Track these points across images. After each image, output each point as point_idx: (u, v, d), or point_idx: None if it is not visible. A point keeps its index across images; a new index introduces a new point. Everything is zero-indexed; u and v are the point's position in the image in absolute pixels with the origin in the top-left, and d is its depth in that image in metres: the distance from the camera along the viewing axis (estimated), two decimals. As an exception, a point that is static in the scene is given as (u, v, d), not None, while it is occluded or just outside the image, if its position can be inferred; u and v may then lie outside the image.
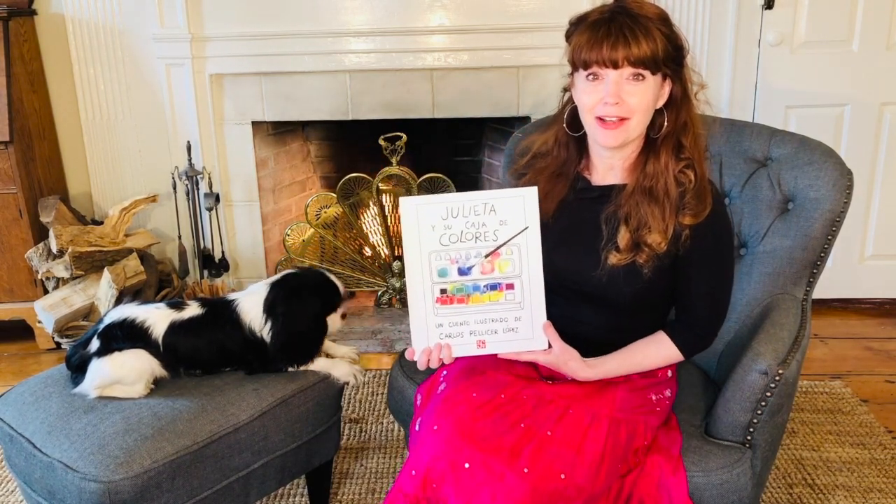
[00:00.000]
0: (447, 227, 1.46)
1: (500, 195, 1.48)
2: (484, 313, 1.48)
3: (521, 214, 1.48)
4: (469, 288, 1.47)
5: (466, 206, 1.46)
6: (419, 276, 1.46)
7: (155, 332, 1.71)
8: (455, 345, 1.48)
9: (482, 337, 1.48)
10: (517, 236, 1.48)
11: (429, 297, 1.46)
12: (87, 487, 1.48)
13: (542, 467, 1.36)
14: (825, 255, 1.75)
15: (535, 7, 2.94)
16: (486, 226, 1.47)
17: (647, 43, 1.40)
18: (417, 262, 1.45)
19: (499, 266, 1.48)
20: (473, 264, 1.47)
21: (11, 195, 2.93)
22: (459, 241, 1.46)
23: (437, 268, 1.46)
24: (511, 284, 1.49)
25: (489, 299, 1.48)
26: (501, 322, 1.49)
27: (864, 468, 2.22)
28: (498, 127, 3.37)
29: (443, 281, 1.46)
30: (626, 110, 1.44)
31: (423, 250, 1.45)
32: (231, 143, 3.21)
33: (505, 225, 1.47)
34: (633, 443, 1.49)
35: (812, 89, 3.01)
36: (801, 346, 1.58)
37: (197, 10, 2.98)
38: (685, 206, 1.46)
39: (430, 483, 1.38)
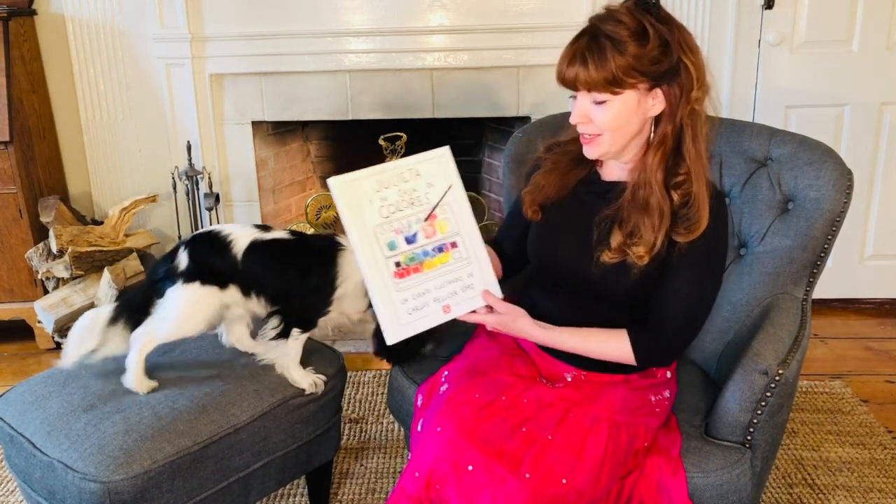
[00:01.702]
0: (383, 199, 1.45)
1: (419, 159, 1.50)
2: (440, 276, 1.48)
3: (442, 174, 1.51)
4: (420, 255, 1.47)
5: (394, 175, 1.47)
6: (371, 254, 1.43)
7: (236, 247, 1.70)
8: (423, 316, 1.46)
9: (446, 301, 1.48)
10: (446, 195, 1.50)
11: (386, 275, 1.44)
12: (87, 487, 1.48)
13: (543, 472, 1.36)
14: (825, 255, 1.75)
15: (535, 7, 2.94)
16: (416, 191, 1.48)
17: (597, 68, 1.38)
18: (366, 241, 1.43)
19: (439, 227, 1.49)
20: (416, 230, 1.47)
21: (11, 195, 2.93)
22: (398, 210, 1.46)
23: (385, 242, 1.44)
24: (454, 243, 1.51)
25: (440, 262, 1.49)
26: (457, 282, 1.50)
27: (864, 468, 2.22)
28: (498, 127, 3.37)
29: (394, 254, 1.45)
30: (595, 128, 1.46)
31: (367, 226, 1.43)
32: (231, 143, 3.21)
33: (432, 187, 1.50)
34: (633, 445, 1.49)
35: (812, 89, 3.01)
36: (801, 346, 1.58)
37: (197, 10, 2.98)
38: (678, 222, 1.44)
39: (434, 484, 1.38)
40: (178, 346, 1.87)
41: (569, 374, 1.58)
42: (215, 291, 1.71)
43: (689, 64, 1.42)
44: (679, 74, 1.42)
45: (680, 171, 1.45)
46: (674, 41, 1.41)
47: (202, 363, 1.80)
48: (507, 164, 2.07)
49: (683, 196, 1.44)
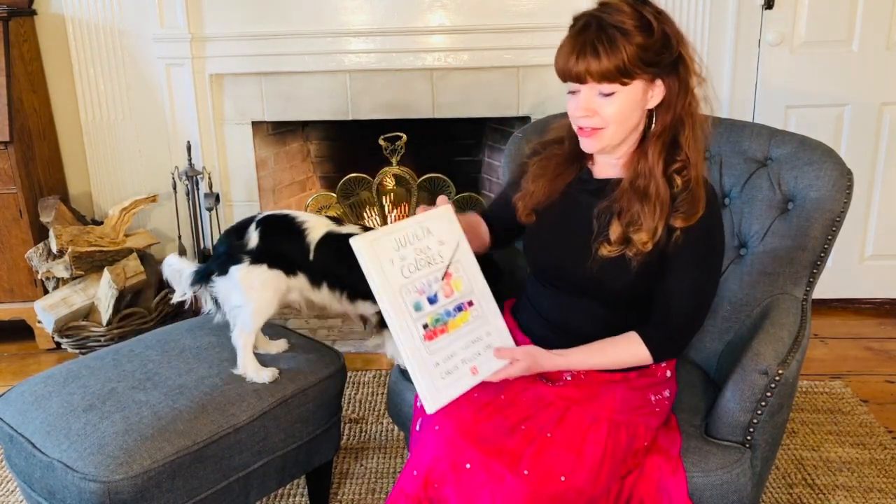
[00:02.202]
0: (402, 259, 1.41)
1: (426, 217, 1.47)
2: (464, 337, 1.45)
3: (448, 231, 1.48)
4: (444, 315, 1.43)
5: (409, 234, 1.42)
6: (401, 317, 1.38)
7: (310, 236, 1.70)
8: (454, 380, 1.41)
9: (472, 363, 1.45)
10: (455, 253, 1.47)
11: (417, 338, 1.39)
12: (87, 487, 1.48)
13: (542, 470, 1.36)
14: (825, 255, 1.75)
15: (535, 7, 2.94)
16: (430, 249, 1.44)
17: (609, 58, 1.38)
18: (394, 304, 1.38)
19: (455, 286, 1.46)
20: (437, 290, 1.43)
21: (11, 195, 2.93)
22: (417, 270, 1.42)
23: (411, 303, 1.39)
24: (470, 301, 1.48)
25: (462, 321, 1.45)
26: (479, 341, 1.47)
27: (864, 468, 2.22)
28: (498, 127, 3.37)
29: (421, 315, 1.40)
30: (600, 121, 1.44)
31: (393, 288, 1.38)
32: (231, 143, 3.21)
33: (443, 244, 1.46)
34: (633, 444, 1.49)
35: (812, 89, 3.01)
36: (801, 346, 1.58)
37: (197, 10, 2.98)
38: (677, 208, 1.45)
39: (432, 483, 1.38)
40: (178, 346, 1.87)
41: (567, 373, 1.58)
42: (282, 276, 1.71)
43: (687, 56, 1.45)
44: (678, 66, 1.44)
45: (678, 157, 1.47)
46: (672, 33, 1.43)
47: (202, 363, 1.80)
48: (507, 164, 2.07)
49: (684, 180, 1.46)
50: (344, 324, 3.19)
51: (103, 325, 2.85)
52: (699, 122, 1.49)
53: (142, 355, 1.83)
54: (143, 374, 1.75)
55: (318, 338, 2.41)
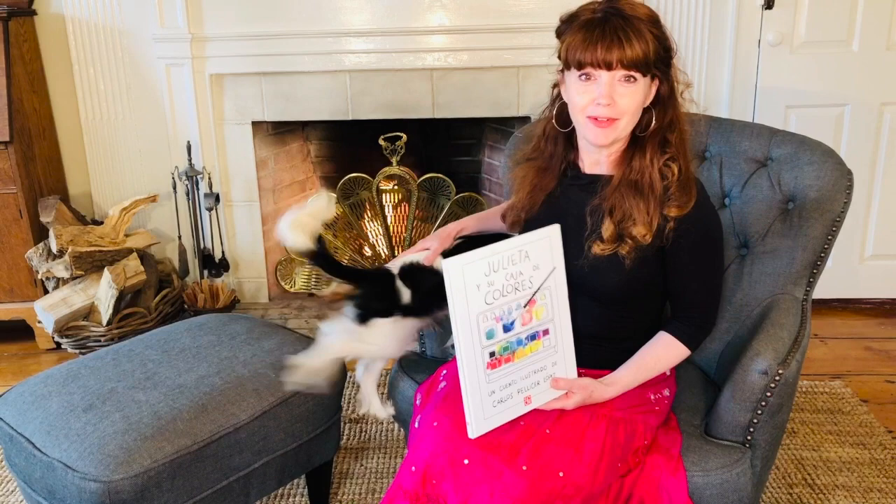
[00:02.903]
0: (490, 284, 1.35)
1: (530, 239, 1.41)
2: (527, 367, 1.42)
3: (549, 255, 1.43)
4: (514, 344, 1.40)
5: (504, 258, 1.37)
6: (471, 345, 1.34)
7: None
8: (505, 408, 1.39)
9: (528, 392, 1.43)
10: (548, 279, 1.42)
11: (481, 367, 1.36)
12: (87, 487, 1.48)
13: (541, 465, 1.36)
14: (825, 255, 1.75)
15: (535, 7, 2.94)
16: (522, 274, 1.39)
17: (639, 45, 1.40)
18: (468, 330, 1.33)
19: (535, 314, 1.42)
20: (515, 318, 1.39)
21: (11, 195, 2.93)
22: (502, 296, 1.37)
23: (485, 330, 1.36)
24: (546, 330, 1.44)
25: (531, 350, 1.42)
26: (542, 371, 1.45)
27: (864, 468, 2.22)
28: (498, 127, 3.37)
29: (491, 343, 1.37)
30: (617, 111, 1.45)
31: (471, 314, 1.33)
32: (231, 143, 3.21)
33: (538, 269, 1.42)
34: (632, 443, 1.49)
35: (812, 89, 3.01)
36: (801, 346, 1.58)
37: (197, 10, 2.98)
38: (670, 198, 1.48)
39: (430, 479, 1.38)
40: (178, 346, 1.87)
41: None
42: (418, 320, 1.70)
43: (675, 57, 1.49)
44: (671, 67, 1.49)
45: (668, 150, 1.50)
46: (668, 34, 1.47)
47: (202, 363, 1.80)
48: (507, 164, 2.07)
49: (673, 173, 1.48)
50: (344, 324, 3.18)
51: (103, 325, 2.85)
52: (685, 121, 1.54)
53: (142, 355, 1.84)
54: (143, 374, 1.75)
55: (318, 338, 2.40)
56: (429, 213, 3.35)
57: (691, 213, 1.47)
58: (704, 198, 1.53)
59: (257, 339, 1.91)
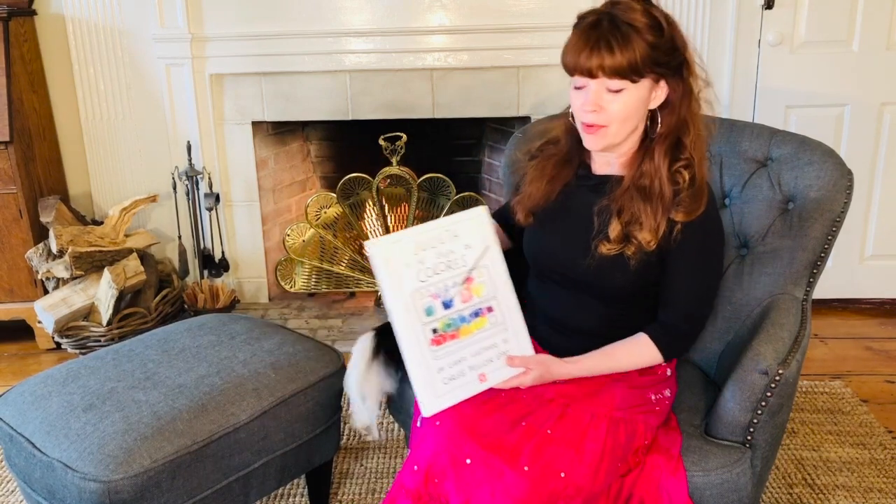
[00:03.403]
0: (420, 262, 1.39)
1: (456, 219, 1.45)
2: (476, 343, 1.44)
3: (479, 235, 1.46)
4: (457, 320, 1.42)
5: (433, 237, 1.41)
6: (408, 322, 1.37)
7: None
8: (458, 385, 1.41)
9: (481, 370, 1.44)
10: (483, 257, 1.45)
11: (423, 343, 1.38)
12: (87, 487, 1.48)
13: (542, 466, 1.36)
14: (825, 255, 1.75)
15: (535, 7, 2.94)
16: (454, 252, 1.43)
17: (623, 53, 1.38)
18: (403, 308, 1.37)
19: (475, 291, 1.45)
20: (454, 295, 1.42)
21: (11, 195, 2.93)
22: (435, 274, 1.40)
23: (422, 308, 1.38)
24: (490, 307, 1.46)
25: (477, 327, 1.44)
26: (493, 348, 1.46)
27: (864, 468, 2.22)
28: (498, 127, 3.37)
29: (431, 320, 1.39)
30: (605, 118, 1.45)
31: (404, 292, 1.37)
32: (231, 143, 3.21)
33: (470, 248, 1.45)
34: (632, 443, 1.50)
35: (812, 89, 3.01)
36: (801, 346, 1.58)
37: (197, 10, 2.98)
38: (679, 203, 1.47)
39: (432, 478, 1.38)
40: (178, 346, 1.87)
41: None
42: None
43: (690, 60, 1.47)
44: (683, 69, 1.47)
45: (682, 156, 1.49)
46: (677, 35, 1.45)
47: (202, 363, 1.80)
48: (506, 165, 2.07)
49: (690, 176, 1.47)
50: (344, 324, 3.19)
51: (103, 325, 2.85)
52: (702, 125, 1.51)
53: (142, 355, 1.83)
54: (143, 374, 1.75)
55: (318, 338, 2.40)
56: (429, 213, 3.35)
57: (698, 220, 1.47)
58: (712, 207, 1.52)
59: (257, 339, 1.91)
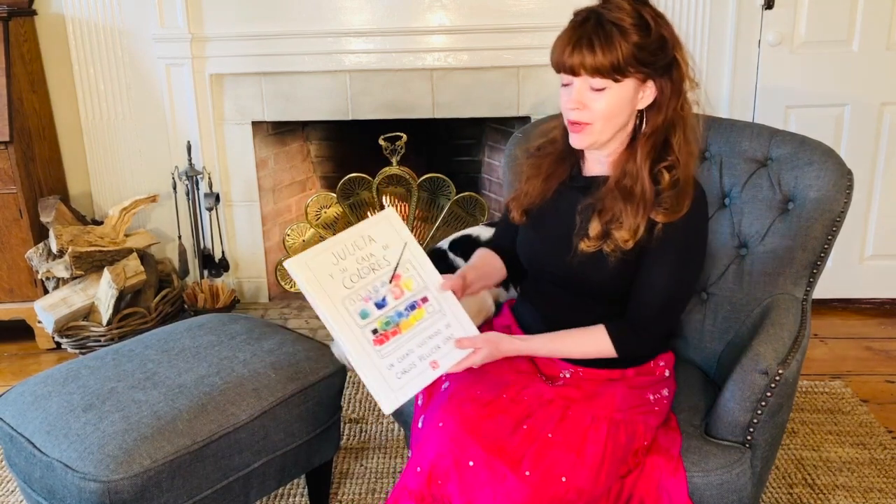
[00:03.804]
0: (343, 271, 1.44)
1: (368, 224, 1.51)
2: (420, 333, 1.47)
3: (394, 234, 1.51)
4: (394, 317, 1.46)
5: (348, 245, 1.46)
6: (346, 327, 1.40)
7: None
8: (412, 377, 1.43)
9: (431, 358, 1.46)
10: (403, 253, 1.50)
11: (366, 345, 1.41)
12: (87, 487, 1.48)
13: (543, 470, 1.37)
14: (825, 255, 1.75)
15: (535, 7, 2.94)
16: (374, 255, 1.48)
17: (604, 53, 1.38)
18: (337, 315, 1.40)
19: (405, 286, 1.49)
20: (384, 294, 1.46)
21: (11, 195, 2.93)
22: (360, 278, 1.45)
23: (356, 312, 1.42)
24: (425, 298, 1.50)
25: (416, 319, 1.47)
26: (438, 335, 1.49)
27: (864, 468, 2.22)
28: (498, 127, 3.37)
29: (368, 322, 1.42)
30: (589, 116, 1.45)
31: (334, 301, 1.40)
32: (231, 143, 3.21)
33: (388, 248, 1.50)
34: (632, 444, 1.50)
35: (812, 89, 3.01)
36: (801, 346, 1.58)
37: (197, 10, 2.98)
38: (661, 203, 1.46)
39: (436, 480, 1.38)
40: (178, 346, 1.87)
41: (566, 371, 1.59)
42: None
43: (681, 59, 1.46)
44: (672, 69, 1.46)
45: (668, 157, 1.48)
46: (668, 35, 1.44)
47: (202, 363, 1.80)
48: (507, 164, 2.07)
49: (672, 178, 1.46)
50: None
51: (103, 325, 2.85)
52: (691, 125, 1.50)
53: (142, 355, 1.83)
54: (143, 374, 1.74)
55: (318, 338, 2.40)
56: (429, 213, 3.35)
57: (679, 222, 1.46)
58: (697, 210, 1.49)
59: (257, 339, 1.91)
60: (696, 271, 1.56)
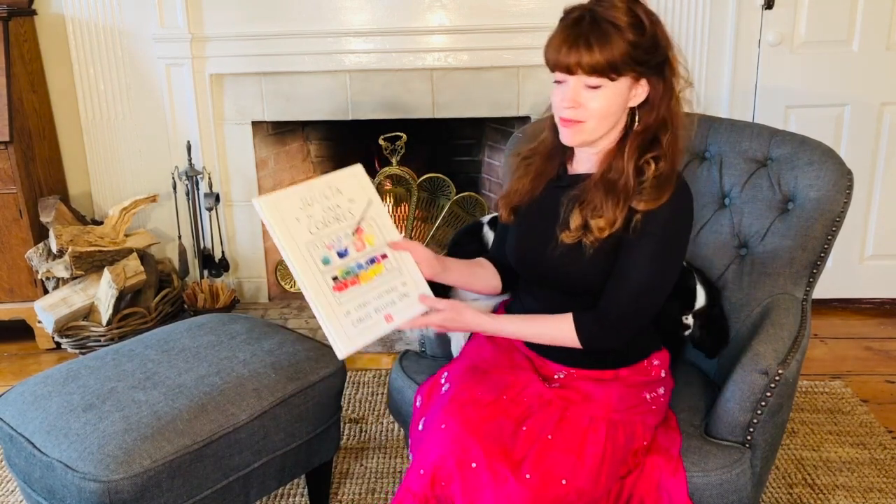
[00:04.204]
0: (309, 217, 1.47)
1: (337, 176, 1.55)
2: (377, 287, 1.51)
3: (360, 190, 1.55)
4: (354, 268, 1.50)
5: (316, 192, 1.50)
6: (307, 271, 1.44)
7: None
8: (367, 327, 1.47)
9: (386, 311, 1.50)
10: (367, 210, 1.54)
11: (326, 290, 1.45)
12: (87, 487, 1.48)
13: (544, 473, 1.37)
14: (825, 255, 1.75)
15: (535, 7, 2.94)
16: (340, 207, 1.51)
17: (601, 51, 1.38)
18: (300, 258, 1.44)
19: (367, 240, 1.53)
20: (347, 245, 1.50)
21: (11, 195, 2.93)
22: (325, 226, 1.49)
23: (319, 257, 1.46)
24: (384, 255, 1.55)
25: (375, 273, 1.52)
26: (393, 291, 1.53)
27: (864, 468, 2.22)
28: (498, 127, 3.37)
29: (329, 268, 1.46)
30: (583, 114, 1.45)
31: (299, 244, 1.44)
32: (231, 143, 3.21)
33: (354, 202, 1.54)
34: (632, 444, 1.50)
35: (812, 89, 3.01)
36: (801, 346, 1.58)
37: (197, 10, 2.98)
38: (641, 192, 1.45)
39: (439, 481, 1.38)
40: (178, 346, 1.87)
41: (559, 373, 1.59)
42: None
43: (673, 59, 1.46)
44: (665, 68, 1.46)
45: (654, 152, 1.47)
46: (661, 34, 1.44)
47: (202, 363, 1.80)
48: (507, 165, 2.07)
49: (657, 170, 1.45)
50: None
51: (103, 325, 2.85)
52: (681, 124, 1.50)
53: (142, 355, 1.84)
54: (143, 374, 1.75)
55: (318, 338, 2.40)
56: (429, 213, 3.35)
57: (658, 213, 1.44)
58: (678, 202, 1.47)
59: (257, 339, 1.91)
60: (672, 266, 1.52)
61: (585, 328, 1.49)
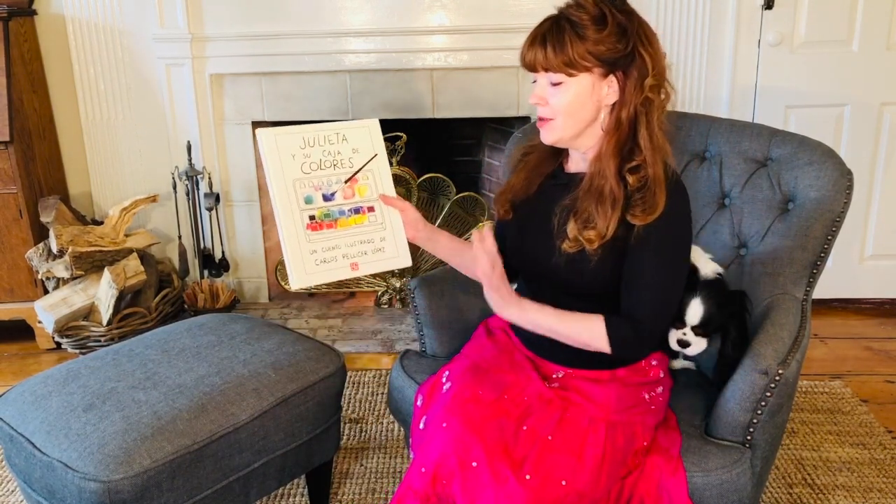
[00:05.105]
0: (306, 156, 1.53)
1: (348, 125, 1.59)
2: (352, 236, 1.55)
3: (369, 143, 1.60)
4: (335, 213, 1.55)
5: (321, 136, 1.55)
6: (287, 204, 1.49)
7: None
8: (329, 269, 1.52)
9: (354, 259, 1.55)
10: (370, 162, 1.58)
11: (299, 225, 1.50)
12: (87, 487, 1.48)
13: (544, 474, 1.37)
14: (825, 255, 1.75)
15: (535, 7, 2.94)
16: (341, 154, 1.56)
17: (554, 50, 1.44)
18: (283, 192, 1.49)
19: (358, 191, 1.58)
20: (335, 190, 1.55)
21: (11, 195, 2.93)
22: (319, 169, 1.54)
23: (302, 195, 1.51)
24: (372, 207, 1.59)
25: (354, 223, 1.57)
26: (369, 243, 1.57)
27: (864, 468, 2.22)
28: (498, 127, 3.37)
29: (310, 207, 1.51)
30: (550, 111, 1.50)
31: (286, 179, 1.50)
32: (231, 143, 3.21)
33: (357, 153, 1.58)
34: (631, 445, 1.50)
35: (812, 89, 3.01)
36: (801, 346, 1.58)
37: (197, 10, 2.98)
38: (634, 205, 1.45)
39: (440, 479, 1.39)
40: (178, 346, 1.87)
41: (558, 373, 1.59)
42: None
43: (645, 54, 1.45)
44: (633, 63, 1.45)
45: (635, 157, 1.47)
46: (632, 30, 1.44)
47: (202, 363, 1.80)
48: (506, 165, 2.07)
49: (639, 180, 1.45)
50: (344, 324, 3.19)
51: (103, 325, 2.85)
52: (656, 120, 1.48)
53: (142, 355, 1.84)
54: (143, 374, 1.75)
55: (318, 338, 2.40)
56: (429, 213, 3.35)
57: (659, 221, 1.44)
58: (674, 204, 1.47)
59: (257, 339, 1.91)
60: (683, 266, 1.55)
61: (618, 334, 1.48)
